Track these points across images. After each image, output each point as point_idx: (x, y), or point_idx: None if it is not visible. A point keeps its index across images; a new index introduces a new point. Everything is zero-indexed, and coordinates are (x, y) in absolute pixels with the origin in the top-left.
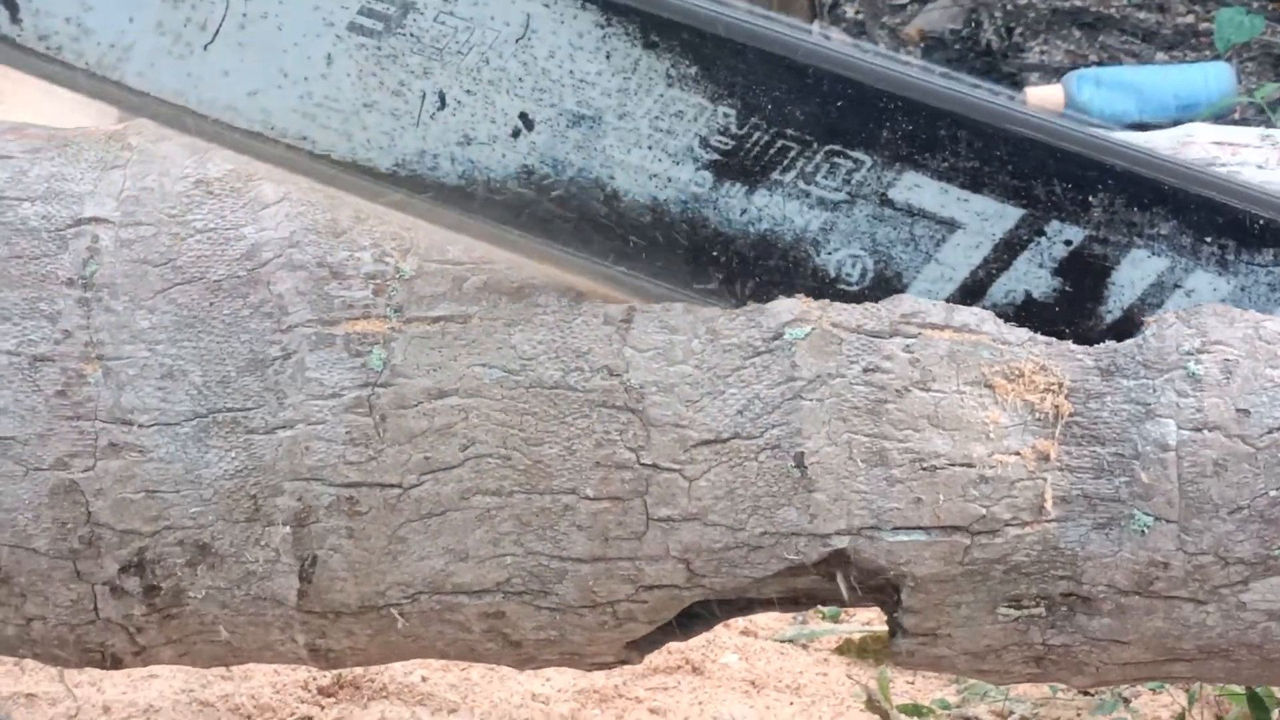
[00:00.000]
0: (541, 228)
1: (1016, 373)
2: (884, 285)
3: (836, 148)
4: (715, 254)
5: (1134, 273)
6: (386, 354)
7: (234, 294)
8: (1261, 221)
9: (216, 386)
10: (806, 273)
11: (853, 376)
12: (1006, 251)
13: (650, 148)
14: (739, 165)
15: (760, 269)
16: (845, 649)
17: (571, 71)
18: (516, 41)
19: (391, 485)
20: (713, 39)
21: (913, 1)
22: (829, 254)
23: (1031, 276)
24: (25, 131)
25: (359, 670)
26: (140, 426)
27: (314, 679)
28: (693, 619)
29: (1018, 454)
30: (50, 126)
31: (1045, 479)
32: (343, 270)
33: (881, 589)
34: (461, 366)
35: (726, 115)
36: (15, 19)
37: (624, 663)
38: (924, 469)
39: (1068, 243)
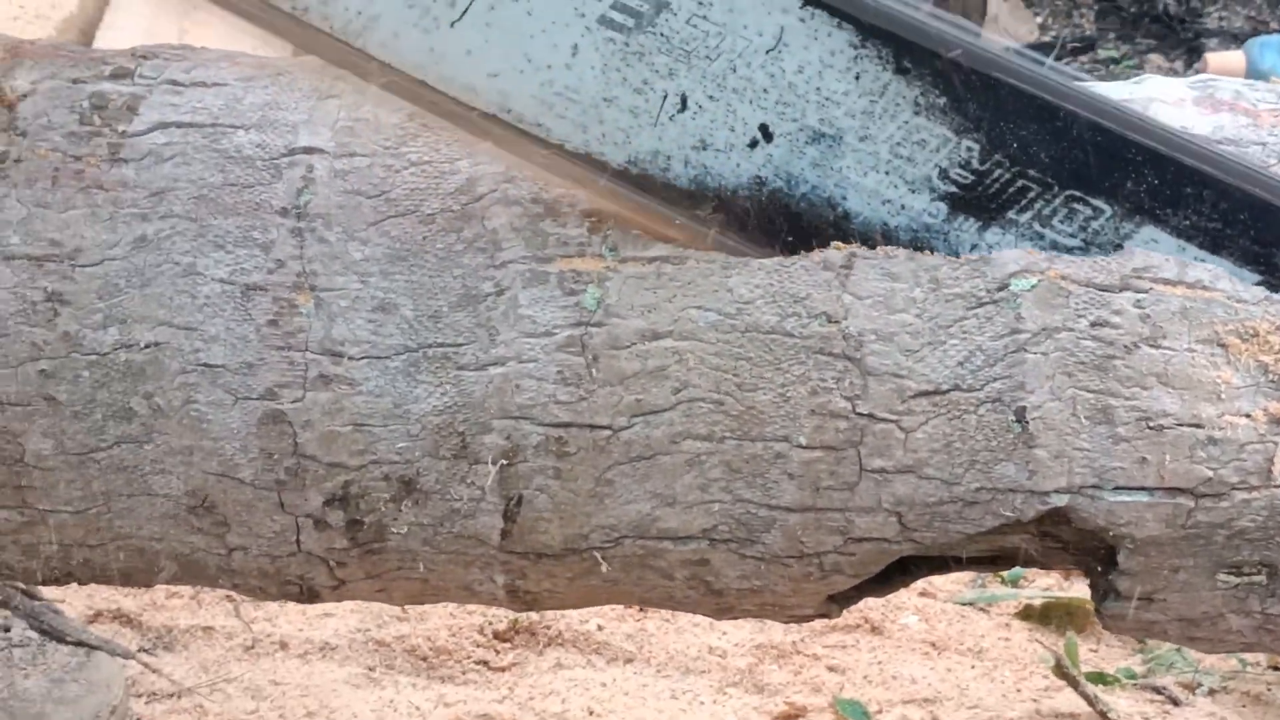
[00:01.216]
0: (765, 240)
1: (1251, 332)
2: None
3: (1078, 193)
4: None
5: None
6: (601, 293)
7: (448, 228)
8: None
9: (428, 321)
10: None
11: (1080, 330)
12: None
13: (888, 173)
14: (976, 200)
15: None
16: (1027, 614)
17: (818, 88)
18: (767, 53)
19: (601, 427)
20: (965, 72)
21: None
22: None
23: None
24: (238, 60)
25: (535, 617)
26: (350, 359)
27: (490, 623)
28: (889, 575)
29: (1249, 416)
30: (262, 57)
31: (1276, 442)
32: (558, 207)
33: (1090, 551)
34: (676, 308)
35: (970, 149)
36: None
37: (823, 615)
38: (1151, 428)
39: None
